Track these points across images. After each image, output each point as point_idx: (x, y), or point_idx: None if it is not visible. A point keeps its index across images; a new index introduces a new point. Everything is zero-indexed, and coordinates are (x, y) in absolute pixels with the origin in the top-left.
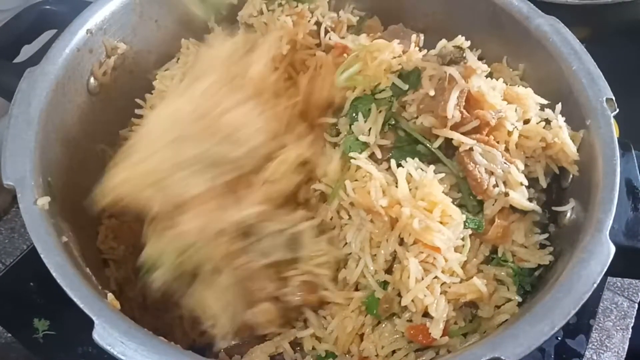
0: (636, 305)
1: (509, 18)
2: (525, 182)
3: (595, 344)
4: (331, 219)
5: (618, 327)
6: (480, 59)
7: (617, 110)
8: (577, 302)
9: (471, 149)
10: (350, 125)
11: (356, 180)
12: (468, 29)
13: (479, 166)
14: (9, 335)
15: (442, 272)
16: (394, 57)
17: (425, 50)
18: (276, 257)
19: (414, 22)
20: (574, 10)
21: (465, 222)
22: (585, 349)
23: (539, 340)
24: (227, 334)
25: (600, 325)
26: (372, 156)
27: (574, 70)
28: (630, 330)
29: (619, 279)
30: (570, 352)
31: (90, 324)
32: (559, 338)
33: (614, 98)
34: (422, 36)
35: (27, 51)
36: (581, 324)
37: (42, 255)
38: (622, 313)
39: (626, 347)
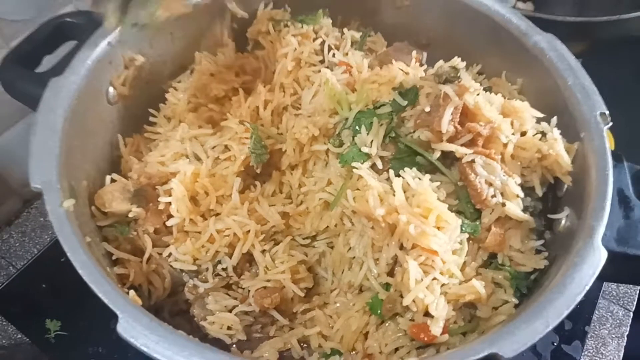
0: (631, 314)
1: (508, 34)
2: (522, 195)
3: (591, 351)
4: (335, 226)
5: (613, 335)
6: (480, 73)
7: (610, 123)
8: (570, 303)
9: (473, 161)
10: (353, 137)
11: (357, 189)
12: (469, 45)
13: (480, 177)
14: (19, 336)
15: (441, 273)
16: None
17: (425, 66)
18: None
19: (417, 38)
20: (570, 27)
21: (461, 226)
22: (581, 355)
23: (534, 338)
24: None
25: (596, 333)
26: (373, 166)
27: (570, 85)
28: (625, 338)
29: (615, 288)
30: (566, 357)
31: (101, 324)
32: (555, 344)
33: (607, 112)
34: (425, 54)
35: (48, 61)
36: (577, 330)
37: (68, 254)
38: (618, 321)
39: (621, 354)
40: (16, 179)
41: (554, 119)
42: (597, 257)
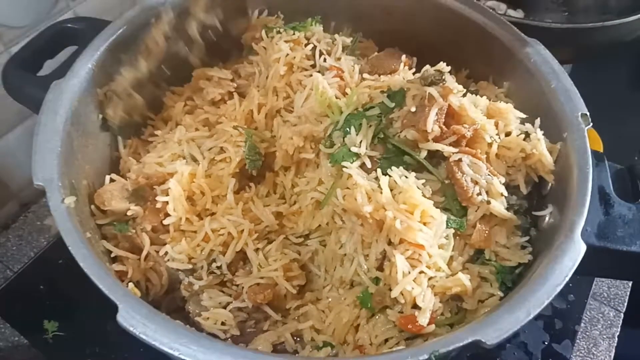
0: (622, 315)
1: (494, 40)
2: (506, 194)
3: (583, 351)
4: (327, 224)
5: (604, 336)
6: (468, 77)
7: (591, 124)
8: (551, 293)
9: (460, 160)
10: (343, 138)
11: (347, 188)
12: (458, 50)
13: (466, 175)
14: (16, 338)
15: (428, 267)
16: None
17: (414, 69)
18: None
19: (408, 44)
20: (559, 33)
21: (447, 221)
22: (571, 354)
23: (516, 326)
24: None
25: (587, 334)
26: (362, 166)
27: (553, 88)
28: (616, 338)
29: (606, 289)
30: (557, 356)
31: (98, 324)
32: (546, 343)
33: (588, 113)
34: (415, 59)
35: (49, 65)
36: (567, 329)
37: (70, 248)
38: (609, 322)
39: (612, 355)
40: (15, 183)
41: (537, 121)
42: (577, 250)
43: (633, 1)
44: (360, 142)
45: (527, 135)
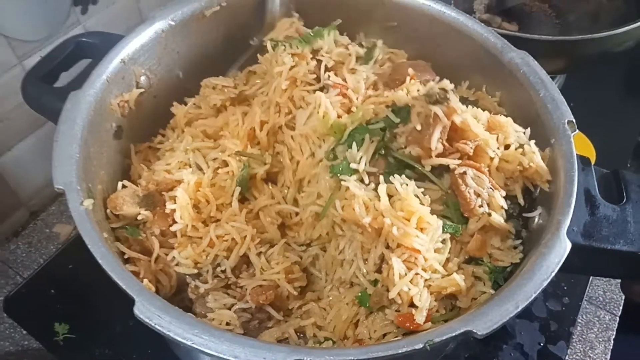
0: (617, 319)
1: (486, 52)
2: (506, 207)
3: (579, 354)
4: (327, 234)
5: (600, 339)
6: (468, 88)
7: (577, 130)
8: (537, 287)
9: (465, 173)
10: (347, 152)
11: (345, 199)
12: (453, 62)
13: (470, 188)
14: (26, 342)
15: (423, 270)
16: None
17: (418, 82)
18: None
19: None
20: (552, 45)
21: (444, 227)
22: (566, 354)
23: (505, 317)
24: None
25: (583, 337)
26: (361, 180)
27: (541, 97)
28: (612, 342)
29: (602, 294)
30: (552, 356)
31: (108, 327)
32: (542, 344)
33: (574, 120)
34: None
35: (64, 77)
36: (562, 331)
37: (89, 246)
38: (604, 326)
39: (608, 357)
40: (24, 191)
41: (528, 130)
42: (563, 247)
43: (623, 14)
44: (360, 158)
45: (521, 145)
